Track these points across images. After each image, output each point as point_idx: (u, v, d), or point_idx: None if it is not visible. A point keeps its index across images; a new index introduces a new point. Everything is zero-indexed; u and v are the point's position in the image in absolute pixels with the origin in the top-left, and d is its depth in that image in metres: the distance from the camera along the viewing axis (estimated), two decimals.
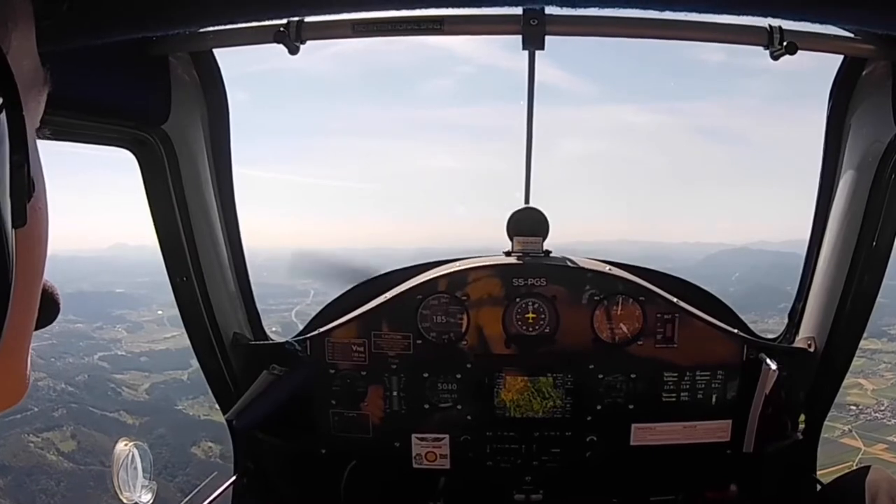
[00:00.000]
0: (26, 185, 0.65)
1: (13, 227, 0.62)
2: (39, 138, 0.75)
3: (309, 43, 2.64)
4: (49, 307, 0.79)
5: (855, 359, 3.40)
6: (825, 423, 3.52)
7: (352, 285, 3.64)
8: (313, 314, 3.64)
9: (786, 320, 3.54)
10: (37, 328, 0.77)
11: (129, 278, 43.67)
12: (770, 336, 3.61)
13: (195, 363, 3.35)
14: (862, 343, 3.39)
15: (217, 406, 3.45)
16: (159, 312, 38.21)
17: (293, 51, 2.64)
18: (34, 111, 0.73)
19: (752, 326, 3.56)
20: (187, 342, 3.28)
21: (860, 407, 26.98)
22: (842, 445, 24.23)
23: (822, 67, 2.79)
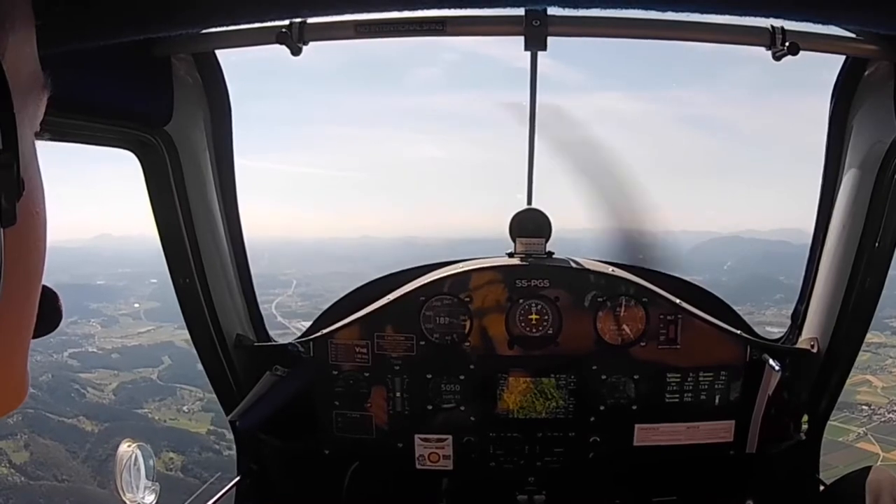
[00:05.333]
0: (16, 185, 0.66)
1: (1, 226, 0.64)
2: (42, 139, 0.77)
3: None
4: (50, 314, 0.81)
5: (860, 353, 3.44)
6: (839, 425, 3.60)
7: None
8: (294, 306, 3.69)
9: (782, 311, 3.63)
10: (37, 335, 0.79)
11: (110, 269, 43.10)
12: (773, 336, 3.68)
13: (167, 360, 3.42)
14: (865, 337, 3.45)
15: (184, 409, 3.50)
16: (136, 306, 37.77)
17: (295, 52, 2.68)
18: (32, 115, 0.74)
19: (748, 318, 3.61)
20: (161, 337, 3.35)
21: (872, 407, 26.69)
22: (859, 451, 23.58)
23: (812, 58, 2.83)
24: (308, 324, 3.79)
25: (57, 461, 27.48)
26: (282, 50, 2.68)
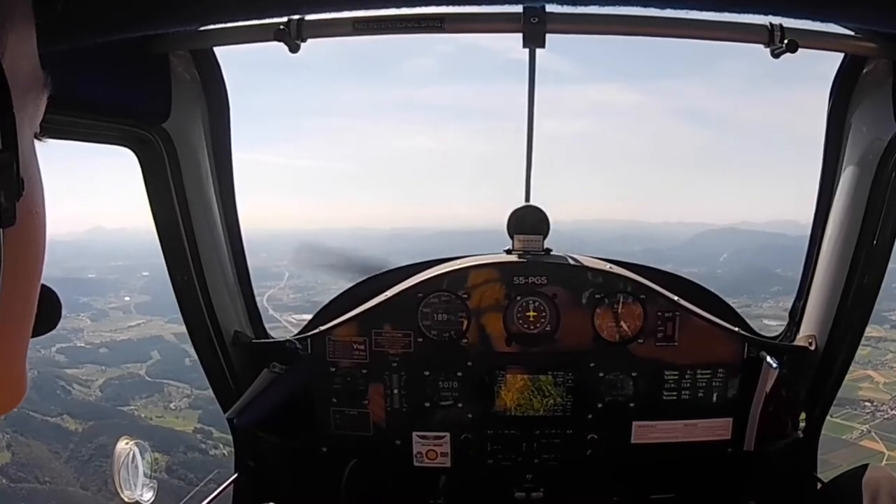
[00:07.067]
0: (15, 184, 0.66)
1: (1, 226, 0.64)
2: (42, 139, 0.78)
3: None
4: (49, 313, 0.82)
5: (860, 348, 3.50)
6: (842, 422, 3.63)
7: (359, 278, 3.76)
8: (286, 298, 3.72)
9: (780, 303, 3.68)
10: (36, 334, 0.79)
11: (102, 262, 43.00)
12: (771, 332, 3.74)
13: (156, 355, 3.41)
14: (865, 331, 3.49)
15: (171, 406, 3.51)
16: (126, 299, 37.65)
17: (294, 49, 2.71)
18: (32, 114, 0.74)
19: (745, 311, 3.66)
20: (151, 331, 3.34)
21: (875, 403, 26.58)
22: (862, 449, 23.17)
23: (809, 51, 2.85)
24: (300, 317, 3.84)
25: (39, 462, 27.17)
26: (276, 44, 2.71)
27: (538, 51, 2.95)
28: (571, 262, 3.44)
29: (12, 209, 0.66)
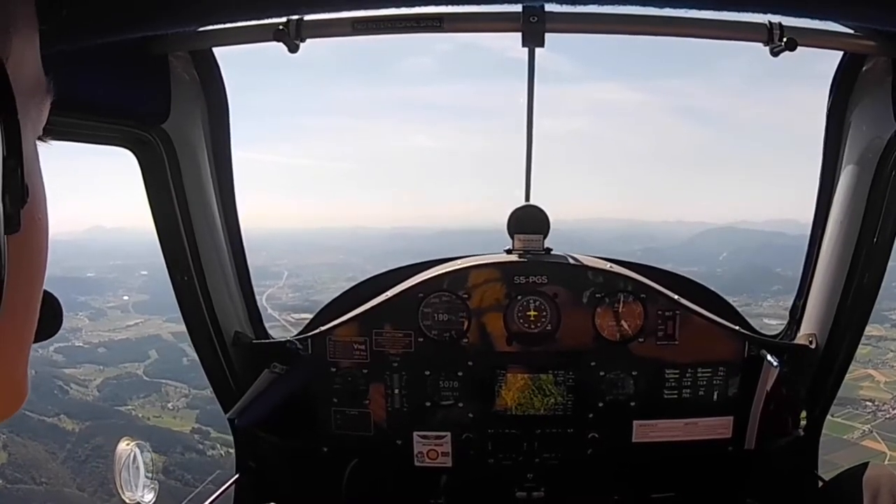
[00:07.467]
0: (20, 190, 0.66)
1: (6, 232, 0.64)
2: (44, 139, 0.77)
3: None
4: (51, 319, 0.83)
5: (861, 347, 3.51)
6: (843, 422, 3.64)
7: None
8: (285, 297, 3.72)
9: (780, 303, 3.69)
10: (37, 340, 0.79)
11: (101, 262, 43.14)
12: (771, 332, 3.74)
13: (154, 354, 3.41)
14: (865, 330, 3.51)
15: (168, 406, 3.51)
16: (125, 298, 37.87)
17: (293, 49, 2.72)
18: (35, 120, 0.74)
19: (745, 310, 3.66)
20: (149, 330, 3.34)
21: (876, 403, 26.58)
22: (864, 450, 23.34)
23: (808, 49, 2.86)
24: (299, 316, 3.85)
25: (36, 462, 27.17)
26: (275, 44, 2.72)
27: (538, 50, 2.95)
28: (572, 261, 3.45)
29: (17, 216, 0.66)
